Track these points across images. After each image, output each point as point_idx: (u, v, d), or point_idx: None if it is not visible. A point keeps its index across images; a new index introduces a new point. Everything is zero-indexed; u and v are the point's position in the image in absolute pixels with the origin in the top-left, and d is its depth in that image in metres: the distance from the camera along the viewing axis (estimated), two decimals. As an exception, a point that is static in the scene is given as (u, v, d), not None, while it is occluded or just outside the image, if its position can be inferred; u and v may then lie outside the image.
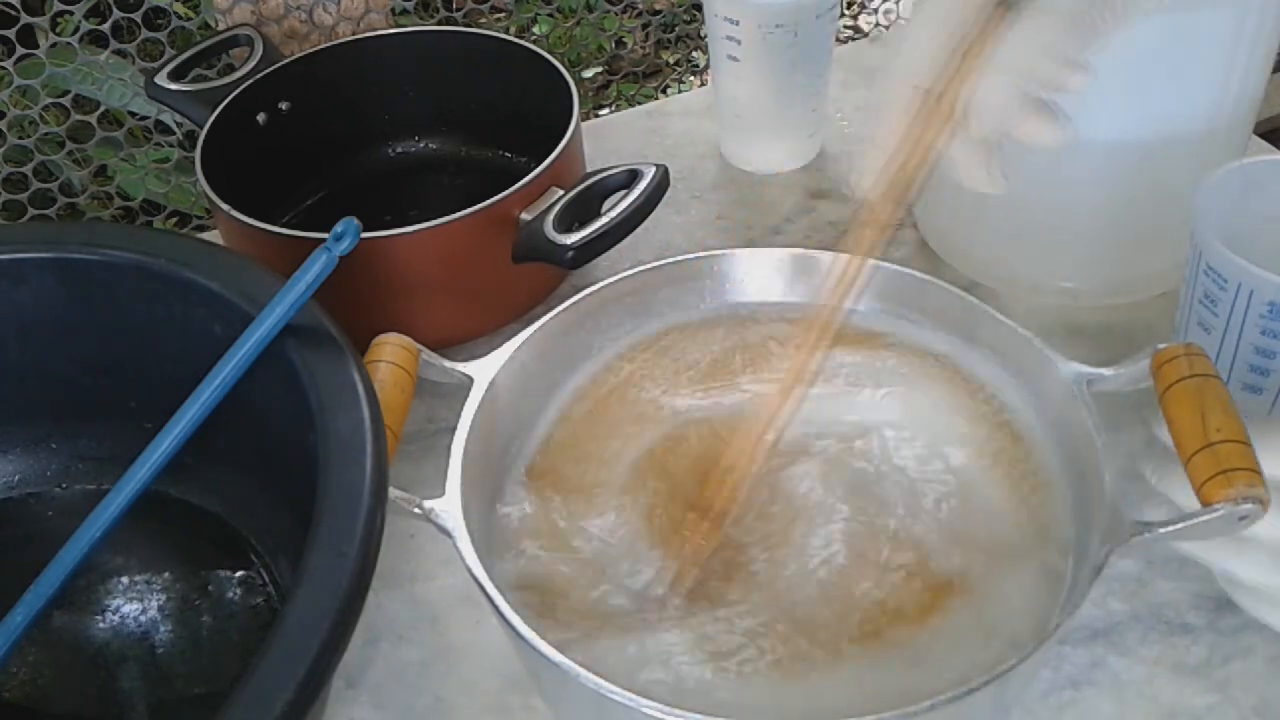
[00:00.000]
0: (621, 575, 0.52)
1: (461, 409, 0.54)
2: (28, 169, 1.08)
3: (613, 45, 1.51)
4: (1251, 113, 0.69)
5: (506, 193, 0.68)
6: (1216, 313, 0.59)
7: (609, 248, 0.66)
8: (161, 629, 0.55)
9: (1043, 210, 0.70)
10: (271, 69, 0.81)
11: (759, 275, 0.62)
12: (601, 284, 0.61)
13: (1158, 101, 0.65)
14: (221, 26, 0.90)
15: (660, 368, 0.60)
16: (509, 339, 0.58)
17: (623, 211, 0.66)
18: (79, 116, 1.08)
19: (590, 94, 1.50)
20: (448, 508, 0.50)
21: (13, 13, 1.01)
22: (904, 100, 0.50)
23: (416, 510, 0.50)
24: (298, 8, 0.91)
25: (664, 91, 1.61)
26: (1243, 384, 0.61)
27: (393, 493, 0.49)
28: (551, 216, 0.67)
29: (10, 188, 1.08)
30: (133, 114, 1.16)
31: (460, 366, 0.57)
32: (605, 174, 0.69)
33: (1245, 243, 0.58)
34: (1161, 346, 0.54)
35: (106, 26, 1.05)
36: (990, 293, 0.73)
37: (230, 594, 0.56)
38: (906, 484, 0.55)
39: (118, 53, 1.10)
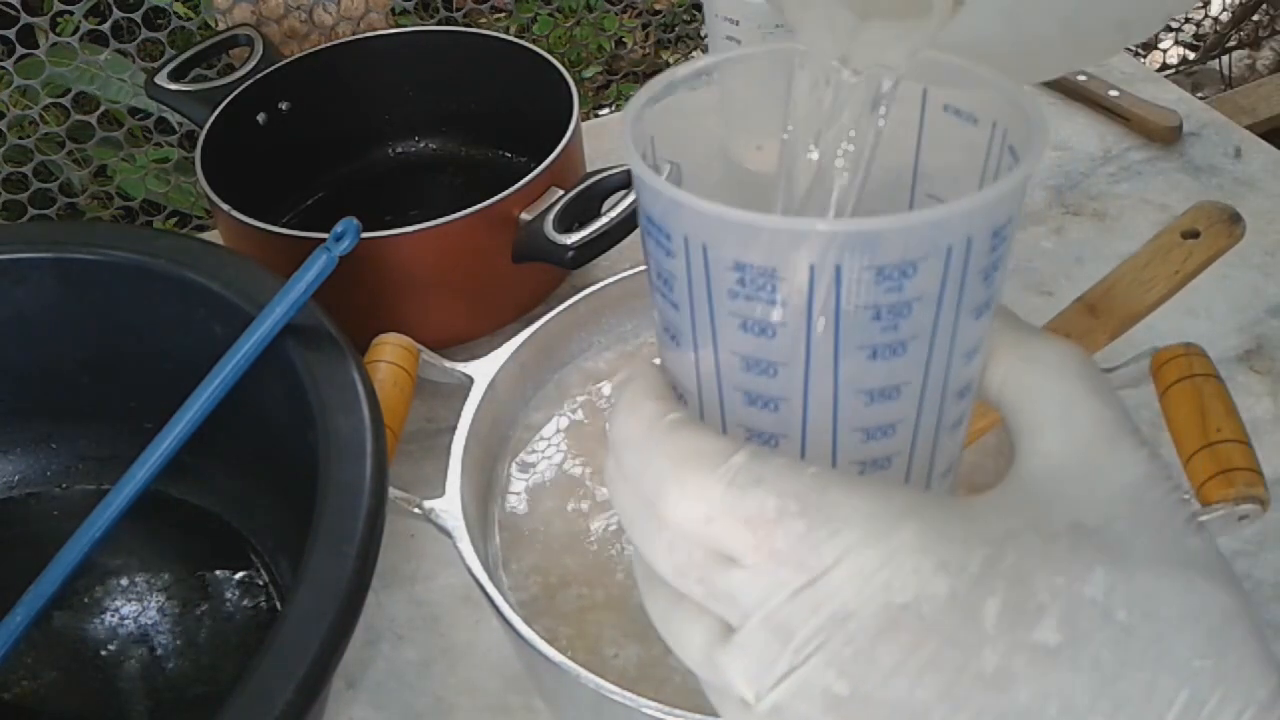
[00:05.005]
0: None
1: (461, 409, 0.54)
2: (28, 169, 1.08)
3: (613, 45, 1.51)
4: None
5: (506, 193, 0.68)
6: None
7: (609, 248, 0.66)
8: (161, 629, 0.55)
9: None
10: (271, 69, 0.81)
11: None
12: (602, 284, 0.61)
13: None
14: (221, 26, 0.90)
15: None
16: (509, 339, 0.58)
17: (623, 211, 0.66)
18: (79, 116, 1.08)
19: (590, 94, 1.50)
20: (448, 508, 0.50)
21: (13, 13, 1.01)
22: None
23: (416, 510, 0.50)
24: (298, 8, 0.91)
25: (664, 91, 1.61)
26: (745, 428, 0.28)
27: (393, 493, 0.49)
28: (551, 216, 0.67)
29: (10, 188, 1.08)
30: (133, 114, 1.16)
31: (460, 366, 0.57)
32: (605, 174, 0.69)
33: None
34: (1161, 346, 0.54)
35: (106, 26, 1.05)
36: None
37: (230, 594, 0.56)
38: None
39: (118, 52, 1.10)
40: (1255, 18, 1.80)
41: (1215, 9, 1.81)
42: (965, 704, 0.24)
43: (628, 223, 0.66)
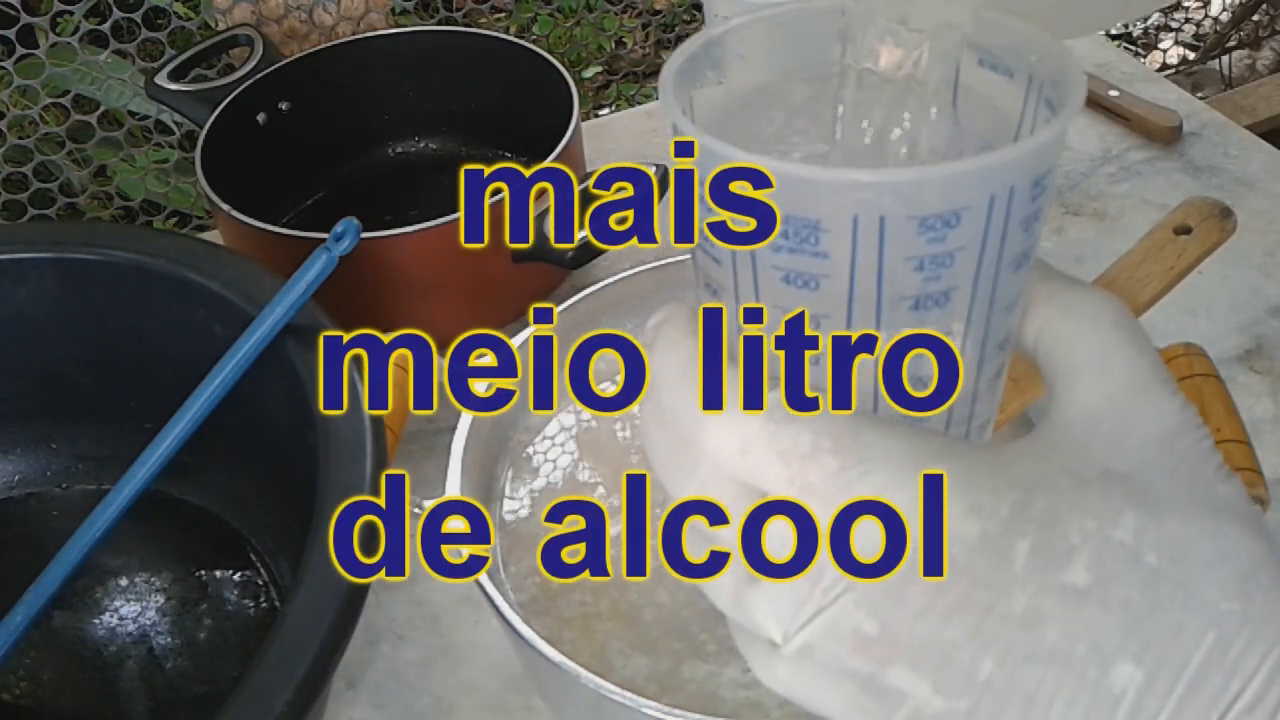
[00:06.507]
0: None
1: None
2: (28, 169, 1.08)
3: (613, 45, 1.51)
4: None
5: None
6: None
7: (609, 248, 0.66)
8: (161, 629, 0.55)
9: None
10: (271, 69, 0.81)
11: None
12: (601, 284, 0.61)
13: None
14: (221, 26, 0.90)
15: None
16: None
17: (623, 211, 0.66)
18: (79, 116, 1.08)
19: (590, 94, 1.50)
20: (448, 508, 0.50)
21: (13, 13, 1.01)
22: None
23: (416, 510, 0.50)
24: (298, 8, 0.91)
25: (664, 91, 1.61)
26: None
27: (393, 493, 0.49)
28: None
29: (10, 188, 1.08)
30: (133, 114, 1.16)
31: (460, 366, 0.57)
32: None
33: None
34: (1161, 346, 0.54)
35: (106, 26, 1.05)
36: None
37: (230, 594, 0.56)
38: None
39: (118, 53, 1.10)
40: (1255, 18, 1.80)
41: (1215, 9, 1.81)
42: (993, 643, 0.24)
43: (628, 223, 0.66)
